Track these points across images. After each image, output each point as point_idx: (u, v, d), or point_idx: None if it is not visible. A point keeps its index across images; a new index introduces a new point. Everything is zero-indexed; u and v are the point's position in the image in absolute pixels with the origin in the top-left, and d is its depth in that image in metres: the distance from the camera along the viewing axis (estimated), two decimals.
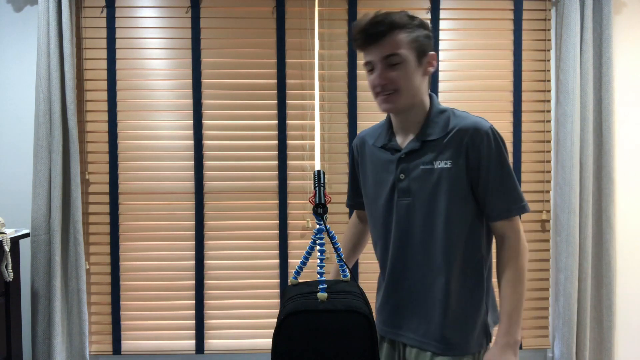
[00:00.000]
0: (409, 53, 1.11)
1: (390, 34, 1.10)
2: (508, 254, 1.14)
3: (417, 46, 1.12)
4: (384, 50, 1.10)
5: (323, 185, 0.99)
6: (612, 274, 2.32)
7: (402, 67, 1.11)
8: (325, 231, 0.96)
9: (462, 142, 1.13)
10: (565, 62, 2.31)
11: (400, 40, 1.10)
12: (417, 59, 1.13)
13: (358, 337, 0.90)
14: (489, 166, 1.13)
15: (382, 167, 1.21)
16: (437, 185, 1.13)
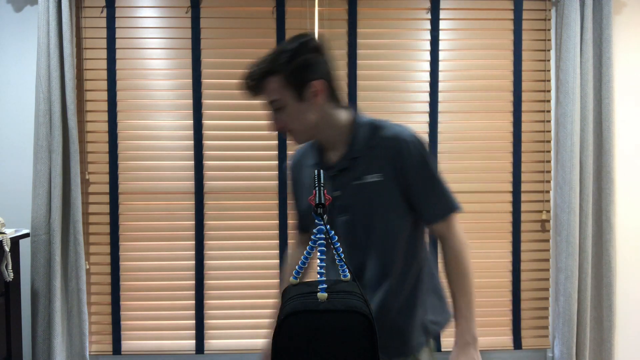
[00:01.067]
0: (285, 95, 1.12)
1: (263, 83, 1.12)
2: (450, 255, 1.23)
3: (293, 84, 1.11)
4: (264, 99, 1.15)
5: (323, 185, 0.98)
6: (612, 274, 2.32)
7: (285, 110, 1.13)
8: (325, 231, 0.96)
9: (387, 154, 1.15)
10: (565, 62, 2.31)
11: (273, 87, 1.12)
12: (297, 96, 1.12)
13: (358, 337, 0.90)
14: (416, 173, 1.15)
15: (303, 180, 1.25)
16: (371, 199, 1.15)
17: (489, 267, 2.44)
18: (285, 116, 1.14)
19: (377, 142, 1.16)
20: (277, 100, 1.13)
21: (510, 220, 2.43)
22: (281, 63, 1.11)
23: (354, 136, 1.18)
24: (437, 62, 2.39)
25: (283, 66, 1.10)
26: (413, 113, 2.41)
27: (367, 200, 1.16)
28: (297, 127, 1.16)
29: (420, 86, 2.40)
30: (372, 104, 2.39)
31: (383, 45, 2.39)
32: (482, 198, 2.42)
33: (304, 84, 1.12)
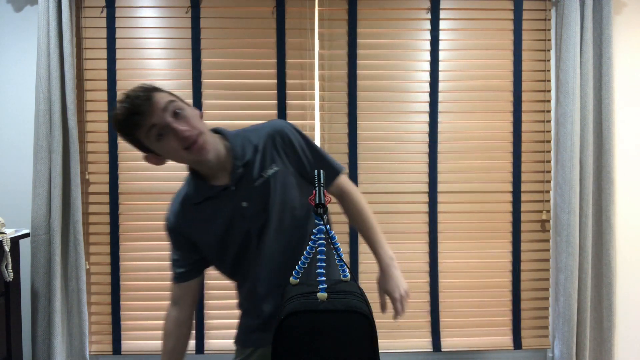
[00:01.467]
0: (177, 100, 1.14)
1: (155, 95, 1.10)
2: (355, 201, 1.34)
3: (176, 97, 1.16)
4: (159, 107, 1.09)
5: (323, 185, 0.99)
6: (612, 274, 2.32)
7: (185, 111, 1.13)
8: (325, 231, 0.96)
9: (273, 145, 1.23)
10: (565, 62, 2.31)
11: (161, 96, 1.11)
12: (185, 104, 1.17)
13: (358, 337, 0.90)
14: (302, 150, 1.26)
15: (221, 212, 1.22)
16: (274, 191, 1.21)
17: (489, 267, 2.44)
18: (187, 120, 1.12)
19: (258, 141, 1.22)
20: (171, 103, 1.11)
21: (510, 220, 2.43)
22: (154, 89, 1.13)
23: (234, 147, 1.21)
24: (437, 62, 2.39)
25: (157, 89, 1.14)
26: (413, 113, 2.41)
27: (272, 195, 1.21)
28: (203, 129, 1.14)
29: (420, 86, 2.40)
30: (372, 104, 2.39)
31: (383, 45, 2.39)
32: (482, 198, 2.42)
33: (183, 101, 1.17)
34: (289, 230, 1.24)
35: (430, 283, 2.42)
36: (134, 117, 1.09)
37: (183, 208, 1.26)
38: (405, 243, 2.42)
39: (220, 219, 1.22)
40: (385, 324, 2.42)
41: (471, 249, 2.44)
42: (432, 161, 2.41)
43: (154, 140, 1.13)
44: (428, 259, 2.43)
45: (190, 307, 1.35)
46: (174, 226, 1.29)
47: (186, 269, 1.34)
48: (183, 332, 1.33)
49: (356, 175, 2.39)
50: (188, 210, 1.25)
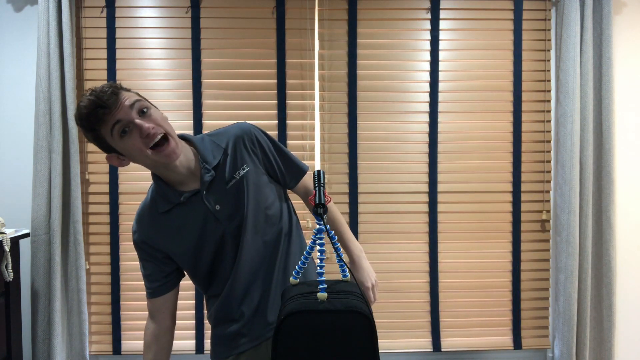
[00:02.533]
0: (142, 99, 1.12)
1: (121, 93, 1.08)
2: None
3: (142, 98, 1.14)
4: (127, 104, 1.07)
5: (323, 185, 0.99)
6: (612, 274, 2.32)
7: (151, 110, 1.11)
8: (325, 231, 0.96)
9: (241, 147, 1.24)
10: (565, 62, 2.31)
11: (128, 94, 1.10)
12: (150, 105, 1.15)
13: (358, 337, 0.90)
14: (270, 151, 1.28)
15: (193, 218, 1.20)
16: (247, 191, 1.22)
17: (489, 267, 2.44)
18: (154, 118, 1.10)
19: (227, 144, 1.23)
20: (137, 102, 1.09)
21: (510, 220, 2.43)
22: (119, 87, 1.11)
23: (200, 151, 1.21)
24: (437, 62, 2.39)
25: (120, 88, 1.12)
26: (413, 113, 2.41)
27: (244, 195, 1.21)
28: (169, 130, 1.13)
29: (420, 86, 2.40)
30: (372, 104, 2.39)
31: (383, 45, 2.39)
32: (482, 198, 2.43)
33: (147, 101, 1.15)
34: (264, 228, 1.25)
35: (430, 283, 2.42)
36: (98, 111, 1.06)
37: (151, 219, 1.24)
38: (405, 243, 2.42)
39: (192, 225, 1.20)
40: (385, 324, 2.42)
41: (471, 249, 2.44)
42: (432, 161, 2.41)
43: (117, 137, 1.09)
44: (428, 259, 2.43)
45: (168, 319, 1.30)
46: (142, 239, 1.26)
47: (160, 283, 1.29)
48: (162, 344, 1.29)
49: (356, 175, 2.39)
50: (156, 220, 1.23)
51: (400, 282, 2.43)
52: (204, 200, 1.19)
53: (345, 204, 2.40)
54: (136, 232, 1.26)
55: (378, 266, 2.41)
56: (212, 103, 2.37)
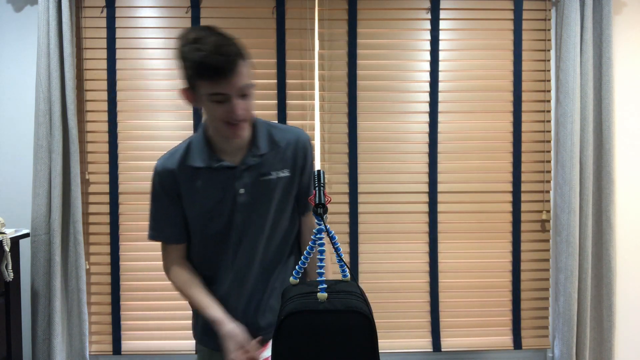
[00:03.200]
0: (251, 83, 1.13)
1: (240, 65, 1.09)
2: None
3: (251, 75, 1.15)
4: (239, 81, 1.08)
5: (323, 185, 0.98)
6: (612, 274, 2.32)
7: (249, 98, 1.13)
8: (325, 231, 0.96)
9: (294, 152, 1.25)
10: (565, 62, 2.31)
11: (245, 71, 1.11)
12: (253, 87, 1.17)
13: (358, 337, 0.90)
14: (311, 166, 1.30)
15: (215, 188, 1.20)
16: (274, 193, 1.23)
17: (489, 267, 2.44)
18: (248, 104, 1.13)
19: (280, 141, 1.24)
20: (249, 85, 1.11)
21: (510, 220, 2.43)
22: (245, 51, 1.11)
23: (256, 135, 1.22)
24: (437, 62, 2.39)
25: (247, 54, 1.12)
26: (413, 113, 2.41)
27: (271, 194, 1.22)
28: (249, 116, 1.16)
29: (420, 86, 2.40)
30: (372, 104, 2.39)
31: (383, 45, 2.39)
32: (482, 198, 2.43)
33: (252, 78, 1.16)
34: (272, 236, 1.25)
35: (430, 283, 2.42)
36: (209, 72, 1.06)
37: (180, 164, 1.22)
38: (405, 243, 2.42)
39: (211, 194, 1.21)
40: (385, 324, 2.42)
41: (471, 249, 2.44)
42: (432, 161, 2.41)
43: (209, 100, 1.10)
44: (428, 259, 2.43)
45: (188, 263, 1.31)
46: (167, 171, 1.22)
47: (178, 229, 1.26)
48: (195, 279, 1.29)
49: (356, 175, 2.39)
50: (184, 168, 1.21)
51: (400, 282, 2.43)
52: (234, 178, 1.20)
53: (345, 204, 2.40)
54: (161, 165, 1.23)
55: (378, 266, 2.41)
56: None
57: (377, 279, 2.41)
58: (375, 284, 2.41)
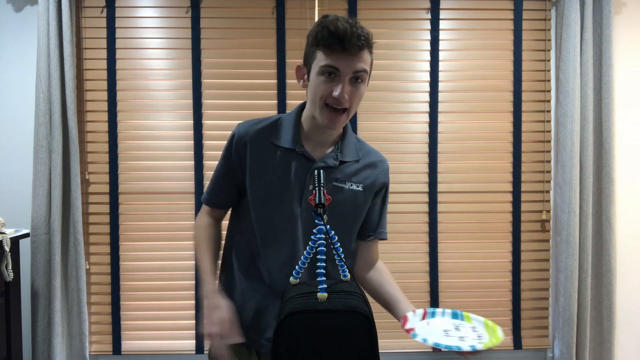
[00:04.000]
0: (368, 74, 1.09)
1: (367, 49, 1.05)
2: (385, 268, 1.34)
3: (371, 69, 1.11)
4: (358, 64, 1.03)
5: (323, 185, 0.98)
6: (612, 274, 2.32)
7: (362, 85, 1.08)
8: (325, 231, 0.96)
9: (374, 170, 1.21)
10: (565, 62, 2.31)
11: (367, 59, 1.06)
12: (368, 80, 1.11)
13: (358, 337, 0.90)
14: (385, 195, 1.27)
15: (287, 172, 1.13)
16: (343, 205, 1.16)
17: (489, 267, 2.44)
18: (356, 94, 1.06)
19: (364, 156, 1.21)
20: (365, 72, 1.06)
21: (510, 220, 2.43)
22: (373, 43, 1.07)
23: (346, 141, 1.19)
24: (437, 62, 2.39)
25: (373, 48, 1.08)
26: (413, 113, 2.41)
27: (339, 204, 1.14)
28: (355, 107, 1.10)
29: (420, 86, 2.40)
30: (372, 104, 2.39)
31: (383, 45, 2.39)
32: (482, 198, 2.42)
33: (371, 73, 1.11)
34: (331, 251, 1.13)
35: (430, 283, 2.42)
36: (334, 44, 1.01)
37: (259, 136, 1.16)
38: (405, 243, 2.42)
39: (283, 178, 1.13)
40: (385, 324, 2.41)
41: (471, 249, 2.44)
42: (432, 161, 2.41)
43: (320, 71, 1.04)
44: (428, 259, 2.43)
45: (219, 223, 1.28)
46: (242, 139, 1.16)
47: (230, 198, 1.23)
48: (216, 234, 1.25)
49: None
50: (262, 142, 1.15)
51: (400, 282, 2.40)
52: (307, 171, 1.13)
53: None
54: (244, 127, 1.18)
55: None
56: (212, 103, 2.37)
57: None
58: None
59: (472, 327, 1.10)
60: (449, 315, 1.16)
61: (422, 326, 1.10)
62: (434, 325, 1.10)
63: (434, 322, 1.13)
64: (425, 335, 1.02)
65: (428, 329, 1.08)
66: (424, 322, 1.13)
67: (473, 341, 1.02)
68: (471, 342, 1.01)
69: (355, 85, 1.06)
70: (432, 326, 1.10)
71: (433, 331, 1.07)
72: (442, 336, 1.04)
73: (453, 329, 1.09)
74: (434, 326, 1.10)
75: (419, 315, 1.15)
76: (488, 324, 1.10)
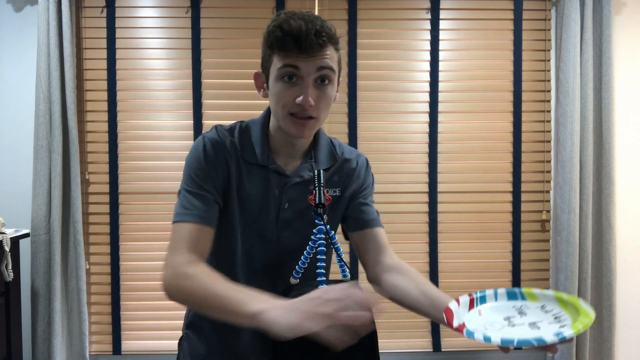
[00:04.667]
0: (335, 73, 0.95)
1: (330, 45, 0.92)
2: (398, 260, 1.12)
3: (339, 68, 0.97)
4: (322, 61, 0.90)
5: (323, 185, 0.98)
6: (612, 274, 2.32)
7: (330, 87, 0.94)
8: (325, 231, 0.96)
9: (351, 172, 1.09)
10: (565, 62, 2.31)
11: (332, 55, 0.93)
12: (337, 81, 0.97)
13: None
14: (367, 190, 1.13)
15: (264, 190, 1.00)
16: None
17: (489, 267, 2.44)
18: (323, 98, 0.93)
19: (339, 158, 1.08)
20: (331, 71, 0.92)
21: (510, 220, 2.43)
22: (337, 38, 0.95)
23: (319, 146, 1.06)
24: (437, 62, 2.39)
25: (338, 43, 0.96)
26: (413, 113, 2.41)
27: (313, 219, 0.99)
28: (322, 115, 0.95)
29: (420, 86, 2.40)
30: (372, 104, 2.39)
31: (383, 45, 2.39)
32: (482, 198, 2.42)
33: (340, 72, 0.98)
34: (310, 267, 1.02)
35: None
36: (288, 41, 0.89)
37: (234, 148, 1.00)
38: (405, 243, 2.42)
39: (258, 197, 1.00)
40: (385, 324, 2.42)
41: (471, 249, 2.44)
42: (432, 161, 2.41)
43: (279, 75, 0.92)
44: (428, 259, 2.43)
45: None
46: (223, 145, 0.99)
47: (213, 212, 0.97)
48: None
49: None
50: (238, 156, 1.00)
51: None
52: (282, 188, 1.01)
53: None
54: (221, 136, 1.00)
55: None
56: (212, 103, 2.37)
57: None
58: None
59: (541, 307, 0.82)
60: (504, 296, 0.88)
61: (474, 318, 0.84)
62: (489, 315, 0.84)
63: (486, 309, 0.86)
64: (484, 331, 0.77)
65: (483, 321, 0.82)
66: (474, 311, 0.87)
67: (553, 326, 0.75)
68: (553, 329, 0.74)
69: (322, 89, 0.92)
70: (486, 316, 0.84)
71: (490, 322, 0.80)
72: (506, 327, 0.78)
73: (516, 314, 0.82)
74: (489, 315, 0.84)
75: (465, 305, 0.88)
76: (563, 299, 0.81)
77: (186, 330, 1.13)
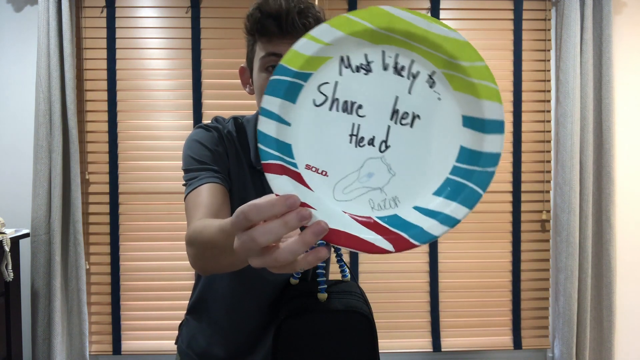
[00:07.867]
0: None
1: (307, 26, 0.84)
2: None
3: None
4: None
5: None
6: (612, 274, 2.32)
7: None
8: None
9: None
10: (565, 62, 2.31)
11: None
12: None
13: (358, 337, 0.90)
14: None
15: (260, 193, 0.96)
16: None
17: (489, 267, 2.44)
18: None
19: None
20: None
21: (510, 220, 2.43)
22: (324, 18, 0.89)
23: None
24: None
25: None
26: None
27: None
28: None
29: None
30: None
31: None
32: (482, 198, 2.42)
33: None
34: None
35: (430, 283, 2.42)
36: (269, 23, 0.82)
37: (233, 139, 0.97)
38: None
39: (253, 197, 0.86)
40: (385, 324, 2.42)
41: (471, 249, 2.44)
42: None
43: (262, 65, 0.86)
44: (428, 259, 2.43)
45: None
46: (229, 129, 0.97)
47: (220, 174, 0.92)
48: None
49: None
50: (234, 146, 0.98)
51: (400, 282, 2.43)
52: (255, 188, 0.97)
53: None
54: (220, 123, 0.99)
55: (378, 266, 2.41)
56: (212, 103, 2.37)
57: (377, 279, 2.41)
58: (375, 284, 2.41)
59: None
60: None
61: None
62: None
63: None
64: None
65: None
66: None
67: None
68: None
69: None
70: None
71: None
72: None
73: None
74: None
75: None
76: None
77: (187, 315, 1.12)
